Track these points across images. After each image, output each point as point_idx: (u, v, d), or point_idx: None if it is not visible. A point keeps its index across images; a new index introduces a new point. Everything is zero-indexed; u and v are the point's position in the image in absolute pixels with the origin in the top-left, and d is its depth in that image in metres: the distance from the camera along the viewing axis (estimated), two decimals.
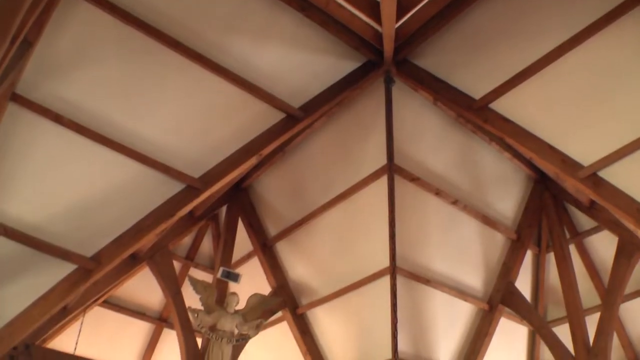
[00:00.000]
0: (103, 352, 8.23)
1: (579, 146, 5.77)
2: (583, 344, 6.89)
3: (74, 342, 8.25)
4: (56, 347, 7.65)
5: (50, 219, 5.58)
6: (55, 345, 8.28)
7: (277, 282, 8.65)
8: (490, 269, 8.41)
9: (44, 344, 7.95)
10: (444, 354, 8.22)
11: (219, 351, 7.17)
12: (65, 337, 8.64)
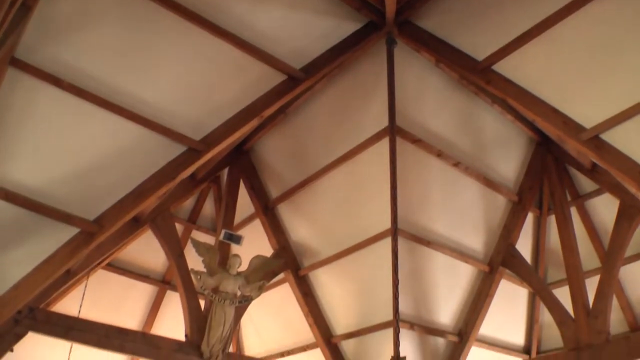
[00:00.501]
0: (107, 315, 8.30)
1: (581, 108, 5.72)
2: (583, 306, 6.93)
3: (78, 305, 8.32)
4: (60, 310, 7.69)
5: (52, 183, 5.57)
6: (59, 308, 8.33)
7: (279, 244, 8.70)
8: (491, 231, 8.44)
9: (48, 308, 8.02)
10: (444, 315, 8.31)
11: (222, 313, 7.26)
12: (69, 300, 8.72)
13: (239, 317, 7.77)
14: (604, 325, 6.64)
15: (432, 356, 8.28)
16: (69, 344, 8.31)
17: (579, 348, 6.76)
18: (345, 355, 8.82)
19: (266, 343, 10.35)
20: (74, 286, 8.59)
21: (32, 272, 5.81)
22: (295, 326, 9.36)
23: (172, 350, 7.14)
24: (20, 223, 5.65)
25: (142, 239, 8.72)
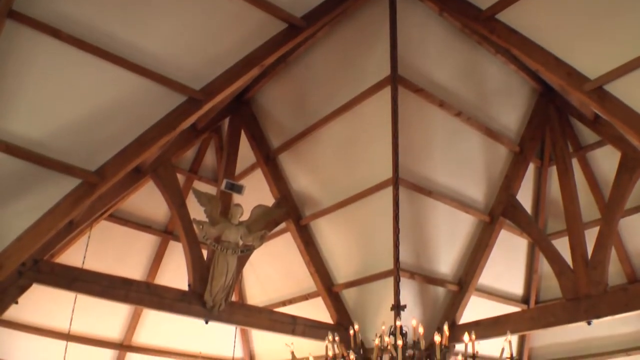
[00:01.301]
0: (110, 266, 8.39)
1: (586, 59, 5.64)
2: (582, 256, 6.98)
3: (82, 256, 8.41)
4: (64, 262, 7.76)
5: (52, 135, 5.54)
6: (63, 260, 8.41)
7: (281, 193, 8.74)
8: (492, 181, 8.46)
9: (52, 259, 8.10)
10: (444, 264, 8.40)
11: (224, 262, 7.32)
12: (73, 252, 8.80)
13: (241, 266, 7.83)
14: (603, 276, 6.70)
15: (432, 305, 8.40)
16: (74, 295, 8.46)
17: (577, 298, 6.83)
18: (347, 303, 8.95)
19: (268, 292, 10.49)
20: (77, 237, 8.66)
21: (34, 224, 5.83)
22: (297, 275, 9.48)
23: (176, 300, 7.23)
24: (22, 176, 5.64)
25: (144, 189, 8.74)
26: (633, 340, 8.96)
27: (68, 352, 8.59)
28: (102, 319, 10.09)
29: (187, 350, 10.96)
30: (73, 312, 8.69)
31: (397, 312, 5.27)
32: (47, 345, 9.56)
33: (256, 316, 8.10)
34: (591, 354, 9.59)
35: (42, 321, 9.60)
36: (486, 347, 5.59)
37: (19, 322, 9.39)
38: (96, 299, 7.27)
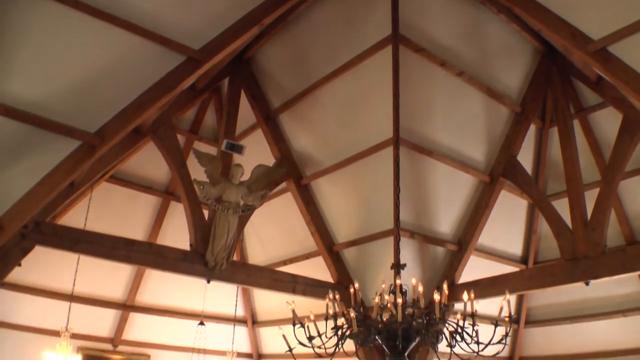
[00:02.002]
0: (112, 227, 8.43)
1: (589, 19, 5.55)
2: (581, 218, 7.01)
3: (84, 218, 8.46)
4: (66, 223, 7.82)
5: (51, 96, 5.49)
6: (65, 222, 8.45)
7: (281, 153, 8.74)
8: (493, 142, 8.45)
9: (54, 221, 8.13)
10: (444, 224, 8.45)
11: (225, 222, 7.36)
12: (75, 213, 8.84)
13: (242, 226, 7.88)
14: (601, 238, 6.73)
15: (432, 264, 8.47)
16: (76, 256, 8.53)
17: (575, 259, 6.88)
18: (347, 263, 9.03)
19: (269, 251, 10.58)
20: (78, 199, 8.69)
21: (35, 186, 5.83)
22: (298, 235, 9.54)
23: (178, 260, 7.29)
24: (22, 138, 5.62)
25: (144, 150, 8.74)
26: (630, 301, 9.07)
27: (72, 312, 8.70)
28: (105, 280, 10.20)
29: (189, 309, 11.10)
30: (76, 274, 8.79)
31: (397, 271, 5.32)
32: (51, 306, 9.68)
33: (257, 275, 8.18)
34: (588, 315, 9.71)
35: (46, 283, 9.71)
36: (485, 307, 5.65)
37: (23, 284, 9.50)
38: (99, 260, 7.33)
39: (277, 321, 10.76)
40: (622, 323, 9.33)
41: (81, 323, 9.71)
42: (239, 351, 10.86)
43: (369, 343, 4.67)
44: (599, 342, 9.78)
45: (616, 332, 9.50)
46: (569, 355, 10.33)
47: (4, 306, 9.54)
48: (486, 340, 4.38)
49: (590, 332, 9.86)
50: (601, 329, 9.69)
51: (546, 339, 10.73)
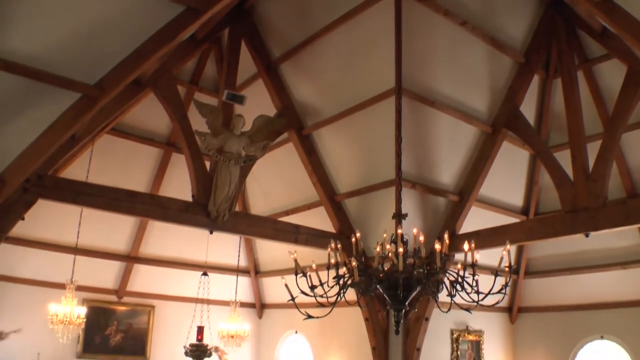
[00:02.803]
0: (114, 179, 8.40)
1: None
2: (582, 169, 6.99)
3: (85, 171, 8.46)
4: (68, 176, 7.82)
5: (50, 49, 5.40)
6: (67, 175, 8.45)
7: (282, 103, 8.69)
8: (496, 92, 8.38)
9: (56, 175, 8.12)
10: (445, 175, 8.46)
11: (227, 173, 7.37)
12: (76, 166, 8.83)
13: (244, 176, 7.89)
14: (602, 189, 6.73)
15: (433, 215, 8.52)
16: (79, 209, 8.56)
17: (575, 211, 6.90)
18: (349, 213, 9.09)
19: (271, 202, 10.63)
20: (80, 152, 8.67)
21: (36, 139, 5.80)
22: (299, 185, 9.57)
23: (180, 211, 7.33)
24: (21, 92, 5.57)
25: (145, 102, 8.66)
26: (630, 254, 9.14)
27: (76, 265, 8.79)
28: (108, 232, 10.28)
29: (192, 260, 11.21)
30: (79, 226, 8.84)
31: (398, 221, 5.34)
32: (56, 259, 9.78)
33: (259, 225, 8.24)
34: (588, 266, 9.80)
35: (50, 236, 9.80)
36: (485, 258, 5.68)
37: (27, 238, 9.59)
38: (102, 213, 7.37)
39: (280, 271, 10.90)
40: (621, 275, 9.43)
41: (86, 275, 9.81)
42: (242, 301, 11.00)
43: (370, 292, 4.71)
44: (597, 293, 9.91)
45: (615, 284, 9.61)
46: (568, 306, 10.47)
47: (9, 260, 9.64)
48: (486, 290, 4.42)
49: (589, 284, 9.97)
50: (600, 280, 9.80)
51: (545, 290, 10.87)
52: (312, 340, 11.21)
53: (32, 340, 9.91)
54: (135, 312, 11.31)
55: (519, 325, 11.52)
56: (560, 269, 10.33)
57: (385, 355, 9.07)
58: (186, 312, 10.50)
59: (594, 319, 10.17)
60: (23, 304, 9.97)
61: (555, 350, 10.76)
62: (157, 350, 11.37)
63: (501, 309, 11.25)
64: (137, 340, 11.26)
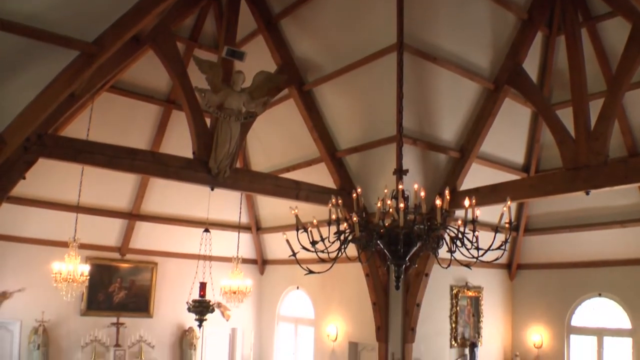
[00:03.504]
0: (114, 137, 8.37)
1: None
2: (584, 127, 6.95)
3: (86, 129, 8.42)
4: (68, 135, 7.78)
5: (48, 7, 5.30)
6: (67, 133, 8.42)
7: (283, 59, 8.61)
8: (499, 49, 8.29)
9: (56, 133, 8.10)
10: (447, 132, 8.44)
11: (228, 129, 7.35)
12: (77, 125, 8.79)
13: (245, 133, 7.87)
14: (604, 147, 6.71)
15: (434, 171, 8.53)
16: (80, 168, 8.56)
17: (576, 168, 6.89)
18: (349, 169, 9.11)
19: (272, 158, 10.64)
20: (79, 110, 8.63)
21: (36, 98, 5.78)
22: (300, 141, 9.57)
23: (181, 168, 7.33)
24: (19, 51, 5.52)
25: (144, 59, 8.56)
26: (630, 212, 9.19)
27: (79, 223, 8.84)
28: (110, 190, 10.33)
29: (194, 217, 11.28)
30: (81, 185, 8.86)
31: (399, 176, 5.35)
32: (58, 218, 9.87)
33: (260, 182, 8.26)
34: (587, 224, 9.86)
35: (51, 195, 9.85)
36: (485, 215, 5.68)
37: (29, 197, 9.65)
38: (103, 171, 7.37)
39: (281, 227, 10.96)
40: (620, 234, 9.50)
41: (88, 233, 9.91)
42: (243, 257, 11.11)
43: (371, 247, 4.73)
44: (596, 251, 9.99)
45: (614, 243, 9.69)
46: (567, 263, 10.57)
47: (12, 220, 9.72)
48: (486, 246, 4.44)
49: (589, 242, 10.05)
50: (599, 239, 9.87)
51: (544, 248, 10.95)
52: (313, 296, 11.36)
53: (36, 299, 10.07)
54: (138, 269, 11.44)
55: (517, 282, 11.65)
56: (560, 227, 10.39)
57: (386, 310, 9.19)
58: (188, 268, 10.63)
59: (592, 277, 10.28)
60: (26, 263, 10.09)
61: (553, 306, 10.91)
62: (160, 306, 11.54)
63: (500, 266, 11.36)
64: (140, 297, 11.42)
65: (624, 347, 9.87)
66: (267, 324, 12.74)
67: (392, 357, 9.02)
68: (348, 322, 10.25)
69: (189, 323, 11.13)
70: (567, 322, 10.69)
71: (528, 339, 11.26)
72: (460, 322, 10.47)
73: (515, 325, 11.60)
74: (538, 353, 11.05)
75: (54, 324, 10.32)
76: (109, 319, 10.90)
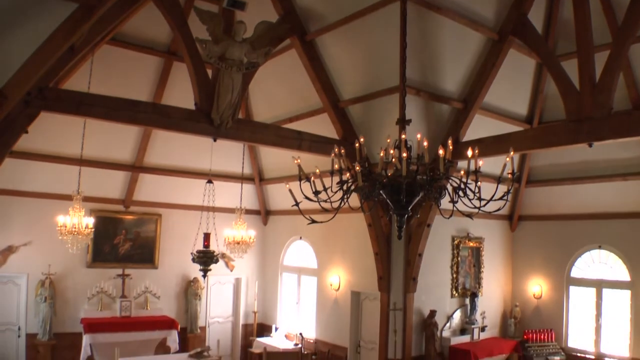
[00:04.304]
0: (116, 89, 8.26)
1: None
2: (589, 79, 6.86)
3: (87, 82, 8.35)
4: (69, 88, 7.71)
5: None
6: (68, 87, 8.30)
7: (284, 9, 8.50)
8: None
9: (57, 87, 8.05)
10: (450, 82, 8.39)
11: (230, 80, 7.30)
12: (77, 78, 8.66)
13: (247, 84, 7.83)
14: (608, 100, 6.65)
15: (437, 122, 8.51)
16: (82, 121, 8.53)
17: (580, 120, 6.85)
18: (352, 119, 9.09)
19: (274, 109, 10.60)
20: (80, 63, 8.52)
21: (36, 52, 5.70)
22: (303, 92, 9.52)
23: (183, 119, 7.31)
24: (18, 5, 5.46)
25: (144, 11, 8.41)
26: (632, 166, 9.21)
27: (82, 177, 8.86)
28: (112, 143, 10.34)
29: (197, 168, 11.31)
30: (83, 138, 8.84)
31: (402, 126, 5.33)
32: (61, 171, 9.91)
33: (263, 132, 8.26)
34: (589, 177, 9.89)
35: (54, 149, 9.86)
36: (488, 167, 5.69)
37: (32, 152, 9.66)
38: (105, 124, 7.36)
39: (284, 178, 10.98)
40: (622, 187, 9.54)
41: (92, 186, 9.97)
42: (247, 208, 11.18)
43: (374, 197, 4.75)
44: (597, 204, 10.05)
45: (615, 196, 9.73)
46: (568, 215, 10.64)
47: (15, 175, 9.77)
48: (488, 198, 4.45)
49: (590, 194, 10.09)
50: (601, 191, 9.91)
51: (546, 199, 11.01)
52: (316, 246, 11.48)
53: (43, 252, 10.21)
54: (142, 220, 11.54)
55: (518, 233, 11.74)
56: (562, 179, 10.42)
57: (388, 260, 9.30)
58: (192, 219, 10.73)
59: (592, 229, 10.36)
60: (31, 217, 10.18)
61: (553, 258, 11.02)
62: (165, 257, 11.69)
63: (502, 217, 11.44)
64: (145, 248, 11.56)
65: (622, 299, 10.03)
66: (270, 274, 12.93)
67: (394, 307, 9.17)
68: (350, 272, 10.39)
69: (194, 274, 11.28)
70: (567, 273, 10.83)
71: (528, 289, 11.42)
72: (461, 272, 10.60)
73: (515, 276, 11.75)
74: (537, 303, 11.22)
75: (60, 277, 10.48)
76: (114, 270, 11.07)
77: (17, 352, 10.20)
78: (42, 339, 10.08)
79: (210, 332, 12.36)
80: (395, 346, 9.11)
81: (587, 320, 10.52)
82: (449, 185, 4.76)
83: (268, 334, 12.26)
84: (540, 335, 10.66)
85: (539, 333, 10.69)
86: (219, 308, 12.67)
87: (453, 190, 4.68)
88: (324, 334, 10.93)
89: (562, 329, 10.75)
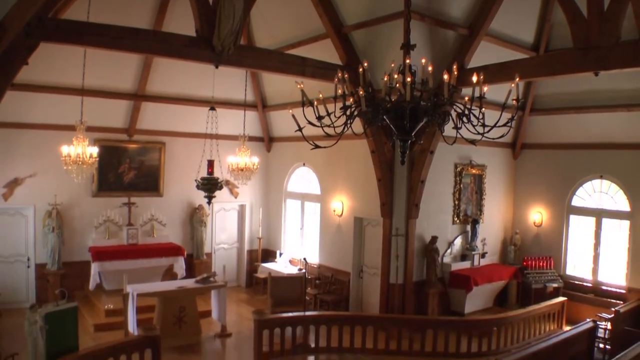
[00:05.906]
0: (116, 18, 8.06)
1: None
2: (597, 7, 6.67)
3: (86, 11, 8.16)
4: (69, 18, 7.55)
5: None
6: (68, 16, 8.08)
7: None
8: None
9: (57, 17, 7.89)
10: (456, 8, 8.24)
11: (231, 5, 7.14)
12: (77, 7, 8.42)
13: (248, 9, 7.65)
14: (616, 29, 6.53)
15: (441, 48, 8.40)
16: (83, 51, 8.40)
17: (587, 48, 6.74)
18: (356, 45, 8.98)
19: (277, 35, 10.45)
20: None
21: None
22: (305, 17, 9.36)
23: (184, 46, 7.21)
24: None
25: None
26: (636, 97, 9.17)
27: (85, 107, 8.81)
28: (114, 72, 10.27)
29: (200, 96, 11.26)
30: (84, 68, 8.75)
31: (406, 51, 5.25)
32: (64, 102, 9.88)
33: (266, 58, 8.17)
34: (593, 106, 9.85)
35: (56, 80, 9.82)
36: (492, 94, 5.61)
37: (33, 83, 9.62)
38: (106, 53, 7.26)
39: (287, 104, 10.95)
40: (625, 117, 9.54)
41: (95, 116, 9.95)
42: (250, 135, 11.19)
43: (377, 122, 4.72)
44: (600, 134, 10.07)
45: (619, 126, 9.75)
46: (571, 144, 10.67)
47: (17, 107, 9.76)
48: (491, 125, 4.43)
49: (593, 124, 10.09)
50: (604, 121, 9.91)
51: (549, 128, 11.00)
52: (319, 173, 11.57)
53: (48, 183, 10.35)
54: (146, 149, 11.59)
55: (521, 160, 11.80)
56: (566, 108, 10.39)
57: (390, 186, 9.39)
58: (196, 147, 10.77)
59: (594, 159, 10.42)
60: (35, 149, 10.26)
61: (554, 186, 11.12)
62: (169, 185, 11.82)
63: (505, 145, 11.46)
64: (149, 176, 11.66)
65: (621, 229, 10.17)
66: (274, 200, 13.09)
67: (396, 233, 9.31)
68: (353, 198, 10.50)
69: (199, 201, 11.43)
70: (568, 202, 10.95)
71: (528, 217, 11.57)
72: (463, 199, 10.72)
73: (516, 203, 11.89)
74: (537, 231, 11.38)
75: (66, 207, 10.65)
76: (120, 199, 11.24)
77: (27, 282, 10.53)
78: (52, 268, 10.35)
79: (216, 258, 12.65)
80: (397, 271, 9.31)
81: (585, 249, 10.73)
82: (453, 111, 4.72)
83: (272, 260, 12.53)
84: (539, 263, 10.89)
85: (538, 260, 10.90)
86: (224, 234, 12.90)
87: (457, 116, 4.64)
88: (328, 259, 11.15)
89: (561, 256, 10.97)
